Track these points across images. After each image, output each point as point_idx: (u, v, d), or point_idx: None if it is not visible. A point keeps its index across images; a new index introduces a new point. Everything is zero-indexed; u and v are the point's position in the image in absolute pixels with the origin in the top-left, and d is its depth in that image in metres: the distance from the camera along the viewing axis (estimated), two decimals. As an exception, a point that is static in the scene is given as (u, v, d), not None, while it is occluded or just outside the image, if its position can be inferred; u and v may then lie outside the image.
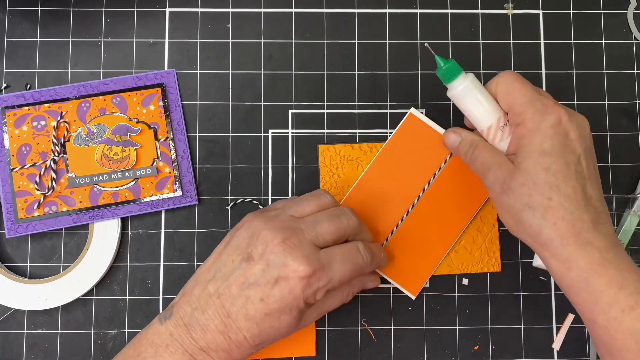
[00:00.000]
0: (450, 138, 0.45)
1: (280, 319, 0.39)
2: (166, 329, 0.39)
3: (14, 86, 0.49)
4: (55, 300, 0.46)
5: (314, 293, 0.39)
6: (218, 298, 0.39)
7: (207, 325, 0.38)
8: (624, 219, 0.48)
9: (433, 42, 0.51)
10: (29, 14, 0.50)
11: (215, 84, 0.50)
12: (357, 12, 0.51)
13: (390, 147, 0.49)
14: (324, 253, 0.39)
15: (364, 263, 0.41)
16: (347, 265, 0.40)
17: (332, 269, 0.39)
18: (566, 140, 0.39)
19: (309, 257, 0.38)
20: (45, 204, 0.46)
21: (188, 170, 0.48)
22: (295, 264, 0.38)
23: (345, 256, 0.40)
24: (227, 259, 0.40)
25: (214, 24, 0.50)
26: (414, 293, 0.47)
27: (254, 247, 0.39)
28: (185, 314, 0.39)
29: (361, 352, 0.48)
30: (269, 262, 0.38)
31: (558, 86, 0.51)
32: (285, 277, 0.38)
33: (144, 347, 0.39)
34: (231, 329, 0.38)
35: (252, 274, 0.38)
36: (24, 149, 0.47)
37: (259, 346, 0.40)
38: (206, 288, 0.39)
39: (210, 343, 0.38)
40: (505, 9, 0.52)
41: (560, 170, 0.38)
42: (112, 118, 0.48)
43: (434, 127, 0.48)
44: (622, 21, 0.52)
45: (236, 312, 0.38)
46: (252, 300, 0.38)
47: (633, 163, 0.50)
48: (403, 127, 0.49)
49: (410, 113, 0.49)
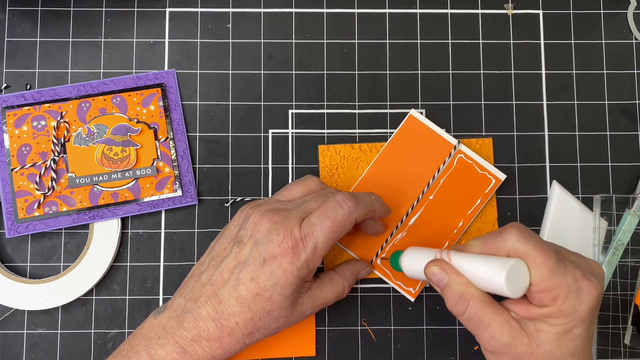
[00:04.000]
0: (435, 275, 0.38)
1: (272, 300, 0.38)
2: (159, 322, 0.39)
3: (14, 86, 0.49)
4: (55, 300, 0.46)
5: (305, 264, 0.38)
6: (211, 285, 0.39)
7: (199, 312, 0.39)
8: (624, 219, 0.48)
9: (433, 42, 0.51)
10: (29, 14, 0.50)
11: (215, 84, 0.50)
12: (357, 12, 0.51)
13: (390, 149, 0.49)
14: (305, 222, 0.39)
15: (346, 213, 0.39)
16: (326, 221, 0.38)
17: (314, 232, 0.38)
18: (595, 314, 0.35)
19: (292, 229, 0.38)
20: (45, 204, 0.46)
21: (188, 170, 0.48)
22: (279, 237, 0.38)
23: (321, 214, 0.39)
24: (219, 248, 0.41)
25: (214, 24, 0.50)
26: (414, 295, 0.47)
27: (243, 231, 0.40)
28: (179, 306, 0.39)
29: (361, 352, 0.48)
30: (256, 241, 0.39)
31: (558, 86, 0.51)
32: (271, 253, 0.38)
33: (137, 340, 0.39)
34: (223, 315, 0.38)
35: (243, 255, 0.39)
36: (24, 149, 0.47)
37: (252, 336, 0.39)
38: (200, 279, 0.40)
39: (201, 331, 0.38)
40: (505, 9, 0.52)
41: (583, 350, 0.35)
42: (112, 118, 0.48)
43: (434, 129, 0.48)
44: (622, 21, 0.52)
45: (227, 296, 0.38)
46: (243, 281, 0.38)
47: (633, 163, 0.50)
48: (403, 129, 0.49)
49: (411, 114, 0.49)
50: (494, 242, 0.36)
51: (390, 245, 0.47)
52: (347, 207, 0.39)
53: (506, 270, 0.34)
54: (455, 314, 0.37)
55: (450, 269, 0.37)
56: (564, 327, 0.35)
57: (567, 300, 0.34)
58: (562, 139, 0.50)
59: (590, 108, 0.51)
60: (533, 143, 0.50)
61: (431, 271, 0.38)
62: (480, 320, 0.36)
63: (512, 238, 0.35)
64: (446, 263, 0.37)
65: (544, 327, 0.35)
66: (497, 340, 0.35)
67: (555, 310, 0.34)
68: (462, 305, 0.36)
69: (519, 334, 0.35)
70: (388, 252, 0.47)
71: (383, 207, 0.43)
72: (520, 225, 0.36)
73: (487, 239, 0.37)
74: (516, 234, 0.35)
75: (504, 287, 0.34)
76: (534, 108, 0.50)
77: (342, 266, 0.45)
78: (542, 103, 0.50)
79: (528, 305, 0.36)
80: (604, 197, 0.48)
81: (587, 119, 0.50)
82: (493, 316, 0.36)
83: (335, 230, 0.39)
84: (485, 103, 0.50)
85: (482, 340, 0.37)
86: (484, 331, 0.36)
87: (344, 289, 0.44)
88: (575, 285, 0.34)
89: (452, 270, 0.37)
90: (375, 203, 0.42)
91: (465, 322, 0.37)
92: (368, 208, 0.41)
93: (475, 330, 0.36)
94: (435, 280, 0.38)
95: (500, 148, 0.50)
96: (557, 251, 0.36)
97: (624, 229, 0.48)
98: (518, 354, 0.35)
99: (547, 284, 0.34)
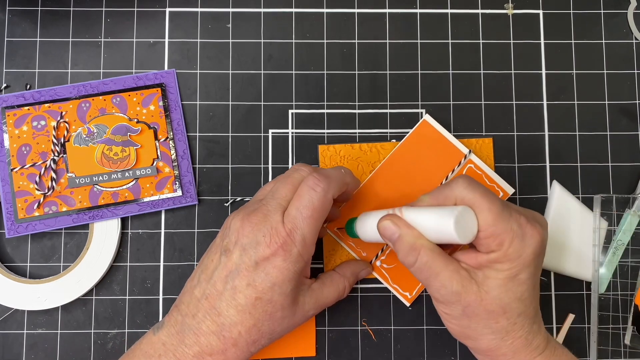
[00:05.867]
0: (387, 229, 0.38)
1: (273, 301, 0.38)
2: (159, 339, 0.39)
3: (14, 86, 0.49)
4: (55, 300, 0.46)
5: (298, 257, 0.38)
6: (206, 299, 0.38)
7: (199, 328, 0.38)
8: (624, 219, 0.48)
9: (433, 42, 0.51)
10: (29, 14, 0.50)
11: (215, 84, 0.50)
12: (357, 12, 0.51)
13: (400, 151, 0.48)
14: (285, 216, 0.38)
15: (321, 195, 0.38)
16: (305, 211, 0.38)
17: (298, 225, 0.38)
18: (539, 260, 0.37)
19: (276, 227, 0.38)
20: (45, 204, 0.46)
21: (188, 170, 0.48)
22: (266, 238, 0.37)
23: (298, 204, 0.38)
24: (207, 261, 0.40)
25: (214, 23, 0.50)
26: (409, 300, 0.47)
27: (227, 239, 0.39)
28: (177, 322, 0.39)
29: (361, 352, 0.48)
30: (244, 247, 0.38)
31: (558, 86, 0.51)
32: (262, 255, 0.37)
33: (137, 357, 0.39)
34: (224, 327, 0.38)
35: (232, 263, 0.38)
36: (24, 149, 0.47)
37: (257, 343, 0.39)
38: (193, 294, 0.39)
39: (204, 347, 0.38)
40: (505, 9, 0.52)
41: (529, 296, 0.37)
42: (112, 118, 0.48)
43: (446, 136, 0.48)
44: (622, 21, 0.52)
45: (226, 307, 0.38)
46: (239, 289, 0.37)
47: (633, 163, 0.50)
48: (415, 133, 0.48)
49: (424, 119, 0.48)
50: (443, 192, 0.38)
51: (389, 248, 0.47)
52: (321, 188, 0.38)
53: (454, 217, 0.35)
54: (406, 266, 0.38)
55: (401, 222, 0.38)
56: (511, 271, 0.36)
57: (512, 244, 0.36)
58: (562, 139, 0.50)
59: (590, 108, 0.51)
60: (533, 143, 0.50)
61: (383, 225, 0.38)
62: (430, 269, 0.37)
63: (459, 187, 0.37)
64: (398, 217, 0.38)
65: (491, 274, 0.36)
66: (447, 289, 0.37)
67: (501, 255, 0.36)
68: (412, 256, 0.37)
69: (468, 282, 0.37)
70: (342, 222, 0.47)
71: (353, 179, 0.43)
72: (467, 176, 0.38)
73: (436, 191, 0.39)
74: (463, 182, 0.37)
75: (453, 233, 0.35)
76: (534, 108, 0.50)
77: (342, 266, 0.45)
78: (542, 103, 0.50)
79: (476, 254, 0.37)
80: (604, 197, 0.48)
81: (587, 119, 0.50)
82: (443, 265, 0.37)
83: (316, 216, 0.38)
84: (485, 103, 0.50)
85: (432, 290, 0.38)
86: (435, 280, 0.37)
87: (345, 288, 0.44)
88: (520, 230, 0.36)
89: (404, 223, 0.38)
90: (346, 176, 0.41)
91: (417, 272, 0.38)
92: (340, 183, 0.40)
93: (426, 280, 0.37)
94: (387, 234, 0.38)
95: (500, 148, 0.50)
96: (503, 201, 0.37)
97: (624, 229, 0.48)
98: (468, 302, 0.36)
99: (493, 229, 0.36)
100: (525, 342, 0.38)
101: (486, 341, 0.38)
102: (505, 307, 0.37)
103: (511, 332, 0.37)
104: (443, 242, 0.38)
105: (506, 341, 0.37)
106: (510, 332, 0.37)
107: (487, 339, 0.38)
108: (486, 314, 0.37)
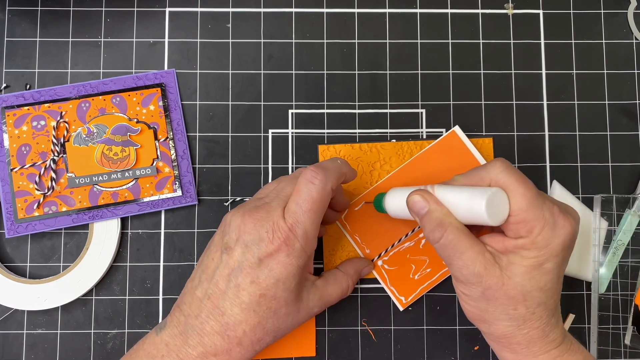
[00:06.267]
0: (416, 203, 0.38)
1: (277, 297, 0.37)
2: (162, 340, 0.38)
3: (14, 86, 0.49)
4: (55, 300, 0.46)
5: (301, 251, 0.38)
6: (208, 299, 0.38)
7: (202, 328, 0.38)
8: (624, 219, 0.48)
9: (433, 41, 0.51)
10: (29, 14, 0.50)
11: (215, 84, 0.50)
12: (357, 12, 0.51)
13: (422, 157, 0.48)
14: (286, 212, 0.38)
15: (320, 188, 0.38)
16: (305, 204, 0.38)
17: (298, 219, 0.38)
18: (567, 253, 0.37)
19: (277, 223, 0.37)
20: (45, 204, 0.46)
21: (188, 170, 0.48)
22: (269, 234, 0.37)
23: (297, 199, 0.38)
24: (207, 261, 0.39)
25: (213, 23, 0.50)
26: (403, 305, 0.47)
27: (228, 237, 0.38)
28: (179, 322, 0.38)
29: (361, 352, 0.48)
30: (246, 244, 0.38)
31: (558, 86, 0.51)
32: (266, 251, 0.37)
33: (140, 358, 0.38)
34: (228, 326, 0.37)
35: (234, 260, 0.38)
36: (23, 149, 0.47)
37: (262, 341, 0.38)
38: (194, 294, 0.39)
39: (208, 347, 0.37)
40: (505, 8, 0.52)
41: (552, 287, 0.37)
42: (112, 118, 0.48)
43: (472, 151, 0.48)
44: (622, 21, 0.52)
45: (230, 306, 0.37)
46: (243, 287, 0.37)
47: (633, 163, 0.50)
48: (442, 142, 0.48)
49: (454, 130, 0.48)
50: (478, 173, 0.38)
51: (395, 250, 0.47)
52: (318, 181, 0.38)
53: (487, 197, 0.35)
54: (431, 241, 0.38)
55: (432, 198, 0.38)
56: (537, 259, 0.36)
57: (542, 232, 0.35)
58: (562, 139, 0.50)
59: (590, 108, 0.51)
60: (533, 143, 0.50)
61: (412, 199, 0.38)
62: (455, 248, 0.36)
63: (495, 169, 0.37)
64: (429, 193, 0.38)
65: (516, 260, 0.36)
66: (469, 269, 0.36)
67: (529, 242, 0.35)
68: (439, 232, 0.37)
69: (492, 265, 0.36)
70: (371, 196, 0.46)
71: (350, 169, 0.42)
72: (504, 160, 0.37)
73: (471, 172, 0.38)
74: (500, 165, 0.37)
75: (484, 213, 0.35)
76: (534, 108, 0.50)
77: (345, 264, 0.45)
78: (542, 103, 0.50)
79: (503, 238, 0.37)
80: (604, 197, 0.48)
81: (587, 119, 0.50)
82: (468, 245, 0.36)
83: (316, 209, 0.38)
84: (485, 103, 0.50)
85: (454, 268, 0.37)
86: (458, 259, 0.36)
87: (348, 286, 0.44)
88: (552, 219, 0.35)
89: (434, 199, 0.38)
90: (343, 167, 0.41)
91: (440, 249, 0.37)
92: (338, 174, 0.40)
93: (449, 258, 0.37)
94: (416, 208, 0.38)
95: (500, 148, 0.50)
96: (537, 189, 0.37)
97: (624, 229, 0.48)
98: (488, 284, 0.36)
99: (525, 214, 0.35)
100: (542, 333, 0.37)
101: (502, 327, 0.37)
102: (526, 294, 0.36)
103: (528, 322, 0.37)
104: (472, 223, 0.37)
105: (522, 330, 0.37)
106: (527, 321, 0.37)
107: (502, 325, 0.37)
108: (505, 299, 0.36)
